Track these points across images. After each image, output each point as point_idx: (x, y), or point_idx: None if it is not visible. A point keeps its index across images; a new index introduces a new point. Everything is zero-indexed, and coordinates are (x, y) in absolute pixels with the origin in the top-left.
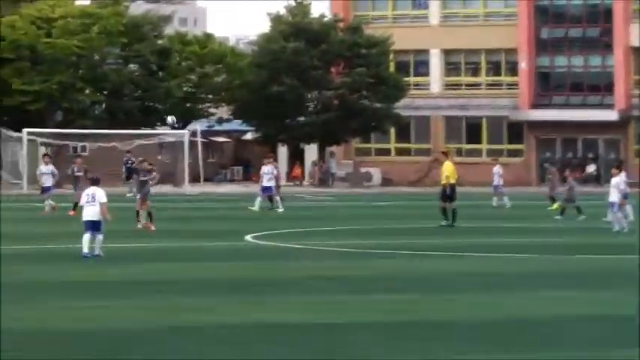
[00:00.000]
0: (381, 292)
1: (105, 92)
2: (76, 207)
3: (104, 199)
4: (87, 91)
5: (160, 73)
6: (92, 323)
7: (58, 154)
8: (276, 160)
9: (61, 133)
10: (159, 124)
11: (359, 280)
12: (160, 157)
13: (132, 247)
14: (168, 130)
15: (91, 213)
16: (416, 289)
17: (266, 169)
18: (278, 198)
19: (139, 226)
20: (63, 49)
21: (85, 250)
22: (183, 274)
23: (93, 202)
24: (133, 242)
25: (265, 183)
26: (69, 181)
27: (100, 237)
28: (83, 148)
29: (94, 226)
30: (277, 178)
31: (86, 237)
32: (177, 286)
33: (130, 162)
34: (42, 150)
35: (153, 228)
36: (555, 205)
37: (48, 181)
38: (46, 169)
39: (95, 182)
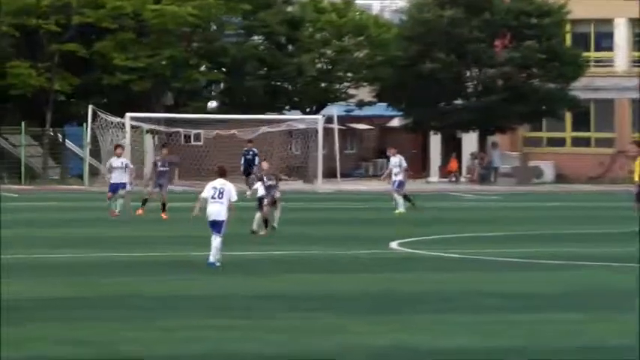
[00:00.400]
0: (562, 310)
1: (223, 70)
2: (145, 204)
3: (235, 197)
4: (202, 69)
5: (289, 47)
6: (208, 344)
7: (166, 143)
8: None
9: (171, 119)
10: (287, 107)
11: (532, 296)
12: (288, 148)
13: (255, 255)
14: (299, 116)
15: (215, 211)
16: (605, 307)
17: (394, 160)
18: (397, 196)
19: (262, 232)
20: (174, 19)
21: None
22: (318, 287)
23: (220, 198)
24: (256, 250)
25: (397, 177)
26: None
27: (218, 240)
28: (197, 137)
29: (216, 226)
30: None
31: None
32: (312, 302)
33: (251, 154)
34: (148, 138)
35: (262, 233)
36: None
37: (121, 177)
38: (118, 162)
39: (222, 173)
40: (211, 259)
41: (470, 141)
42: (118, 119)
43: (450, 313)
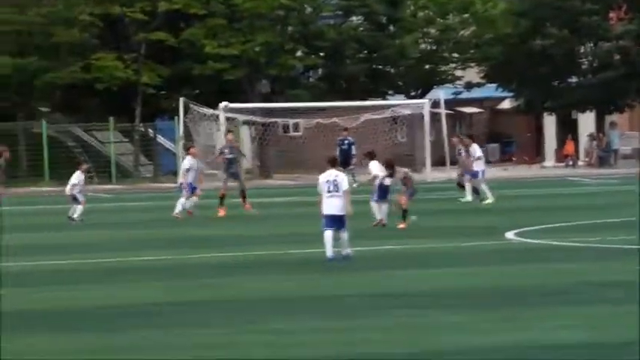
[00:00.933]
0: None
1: (321, 54)
2: (223, 202)
3: (346, 186)
4: (298, 54)
5: (391, 28)
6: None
7: (263, 134)
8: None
9: (268, 108)
10: (391, 92)
11: None
12: (393, 136)
13: (365, 250)
14: (403, 101)
15: (334, 206)
16: None
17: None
18: (468, 185)
19: (401, 226)
20: (267, 2)
21: (330, 253)
22: (432, 283)
23: (337, 191)
24: (364, 245)
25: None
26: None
27: (345, 235)
28: (295, 126)
29: (336, 221)
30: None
31: (328, 235)
32: (427, 299)
33: (346, 143)
34: (244, 130)
35: (402, 225)
36: None
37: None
38: (191, 163)
39: (333, 163)
40: (330, 254)
41: (586, 122)
42: (212, 111)
43: (569, 305)
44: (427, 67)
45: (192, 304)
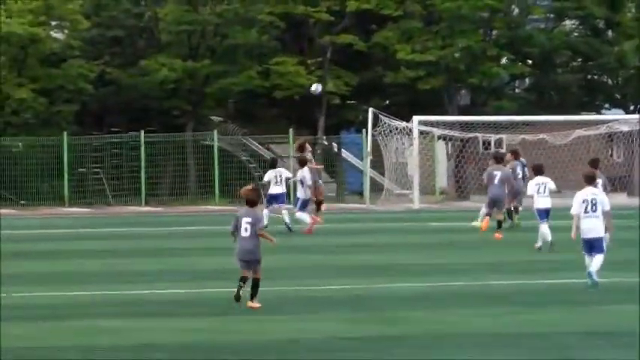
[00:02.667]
0: None
1: (529, 62)
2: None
3: (608, 207)
4: (503, 61)
5: (609, 33)
6: None
7: (461, 151)
8: None
9: (468, 122)
10: (607, 105)
11: None
12: (608, 155)
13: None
14: (621, 116)
15: (590, 227)
16: None
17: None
18: None
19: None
20: (469, 2)
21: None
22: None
23: (594, 211)
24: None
25: None
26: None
27: (599, 257)
28: (498, 143)
29: (591, 246)
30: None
31: (587, 260)
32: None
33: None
34: (440, 145)
35: None
36: None
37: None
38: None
39: (590, 180)
40: (593, 269)
41: None
42: (404, 124)
43: None
44: None
45: (396, 339)
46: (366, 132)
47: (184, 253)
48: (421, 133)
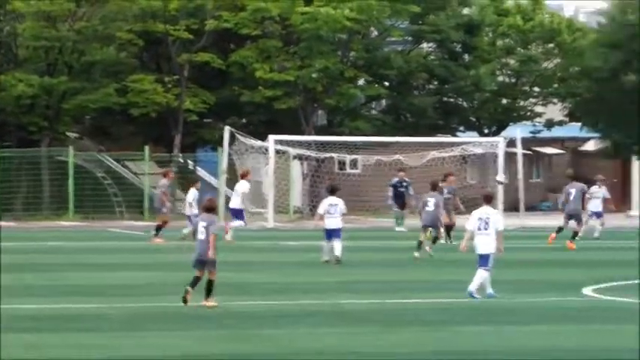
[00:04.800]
0: None
1: (386, 84)
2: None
3: (501, 227)
4: (360, 82)
5: (466, 57)
6: None
7: (316, 171)
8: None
9: (323, 142)
10: (462, 128)
11: None
12: (462, 177)
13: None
14: (476, 138)
15: (483, 243)
16: None
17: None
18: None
19: None
20: (328, 23)
21: (489, 290)
22: (510, 342)
23: (486, 230)
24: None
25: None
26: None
27: (483, 274)
28: (353, 163)
29: (481, 259)
30: None
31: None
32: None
33: (404, 185)
34: (296, 165)
35: None
36: None
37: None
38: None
39: (488, 200)
40: (489, 291)
41: None
42: (260, 143)
43: None
44: (504, 101)
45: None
46: (222, 150)
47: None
48: (277, 152)
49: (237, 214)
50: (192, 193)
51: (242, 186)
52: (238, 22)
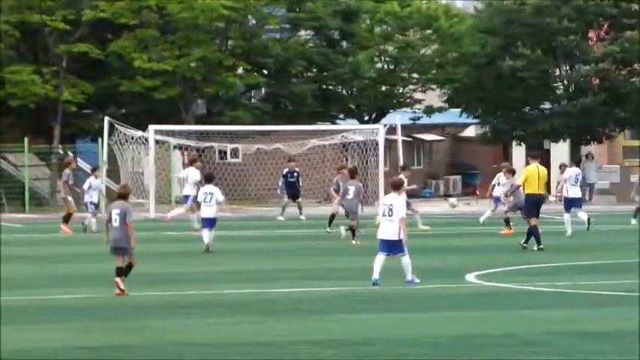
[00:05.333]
0: None
1: (265, 72)
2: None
3: (403, 212)
4: (239, 71)
5: (344, 44)
6: None
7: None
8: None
9: (204, 132)
10: (342, 116)
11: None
12: (344, 164)
13: (349, 290)
14: (355, 126)
15: (386, 230)
16: None
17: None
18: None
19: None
20: (205, 12)
21: (376, 275)
22: (391, 330)
23: (390, 216)
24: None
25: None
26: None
27: (405, 259)
28: (234, 152)
29: (389, 247)
30: None
31: (379, 259)
32: (384, 346)
33: (295, 175)
34: (176, 155)
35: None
36: None
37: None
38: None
39: (396, 187)
40: (376, 276)
41: (560, 153)
42: (140, 133)
43: (537, 357)
44: (383, 88)
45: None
46: (102, 141)
47: None
48: (157, 142)
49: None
50: (88, 182)
51: (193, 173)
52: (115, 11)
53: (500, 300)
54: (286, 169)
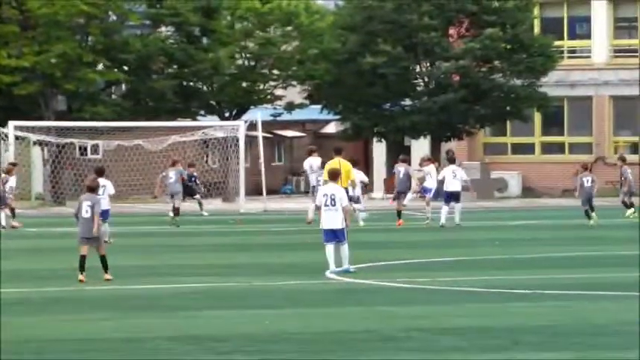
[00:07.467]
0: (535, 349)
1: (125, 68)
2: None
3: (345, 201)
4: (99, 67)
5: (204, 40)
6: None
7: (57, 156)
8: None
9: (63, 128)
10: (202, 112)
11: (494, 331)
12: (204, 161)
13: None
14: (216, 122)
15: (331, 218)
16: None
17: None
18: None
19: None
20: (65, 8)
21: (332, 266)
22: (250, 326)
23: (333, 205)
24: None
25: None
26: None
27: (344, 248)
28: (94, 149)
29: (335, 234)
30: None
31: (329, 249)
32: (241, 343)
33: (193, 180)
34: (36, 151)
35: None
36: None
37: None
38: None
39: (334, 177)
40: (347, 266)
41: (421, 149)
42: (0, 129)
43: (397, 352)
44: (244, 84)
45: None
46: None
47: None
48: (17, 138)
49: None
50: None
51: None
52: None
53: (360, 296)
54: (186, 172)
